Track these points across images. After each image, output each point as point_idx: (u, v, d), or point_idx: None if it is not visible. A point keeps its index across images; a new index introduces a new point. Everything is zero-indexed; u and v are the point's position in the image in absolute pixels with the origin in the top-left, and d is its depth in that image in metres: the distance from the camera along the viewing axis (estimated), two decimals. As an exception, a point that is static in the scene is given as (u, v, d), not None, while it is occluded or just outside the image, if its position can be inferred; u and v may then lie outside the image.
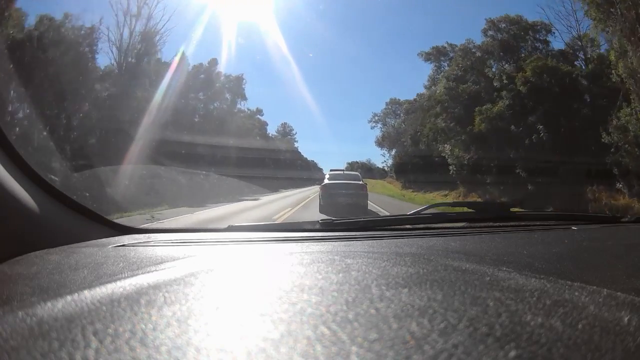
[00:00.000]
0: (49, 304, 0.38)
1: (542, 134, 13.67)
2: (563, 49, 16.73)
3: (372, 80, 54.50)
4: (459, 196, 17.03)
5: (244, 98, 23.90)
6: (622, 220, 1.52)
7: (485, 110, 15.70)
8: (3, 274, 0.80)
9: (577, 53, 16.43)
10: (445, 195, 18.34)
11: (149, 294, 0.41)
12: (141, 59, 15.79)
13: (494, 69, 18.12)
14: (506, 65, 17.87)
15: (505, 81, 15.98)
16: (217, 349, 0.29)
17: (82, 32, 13.81)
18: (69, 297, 0.40)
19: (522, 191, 13.66)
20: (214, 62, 20.71)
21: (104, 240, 1.13)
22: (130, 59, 15.55)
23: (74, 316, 0.35)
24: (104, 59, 15.69)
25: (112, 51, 15.46)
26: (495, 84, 16.53)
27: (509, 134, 14.79)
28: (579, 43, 16.32)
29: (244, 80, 23.44)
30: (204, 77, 20.06)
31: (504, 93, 15.59)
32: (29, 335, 0.31)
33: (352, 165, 41.79)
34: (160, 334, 0.31)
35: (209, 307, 0.38)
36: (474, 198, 15.64)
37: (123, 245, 1.05)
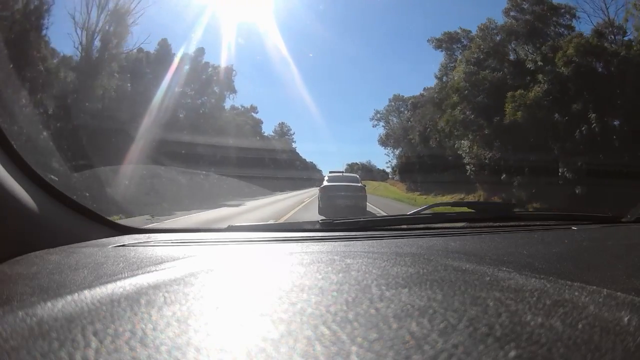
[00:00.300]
0: (49, 304, 0.38)
1: (593, 125, 11.23)
2: (596, 31, 14.11)
3: (373, 79, 54.46)
4: (479, 200, 15.07)
5: (234, 91, 22.44)
6: (622, 220, 1.52)
7: (519, 97, 12.99)
8: (3, 274, 0.80)
9: (607, 37, 13.99)
10: (462, 199, 16.15)
11: (149, 294, 0.41)
12: (108, 47, 14.56)
13: (519, 52, 15.75)
14: (531, 48, 15.56)
15: (540, 63, 13.59)
16: (217, 349, 0.29)
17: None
18: (69, 297, 0.40)
19: (565, 195, 11.29)
20: (201, 51, 19.31)
21: (104, 240, 1.13)
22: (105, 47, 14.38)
23: (74, 316, 0.35)
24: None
25: (77, 33, 13.89)
26: (528, 66, 14.09)
27: (550, 124, 12.33)
28: (607, 30, 13.98)
29: (234, 72, 21.85)
30: (189, 67, 18.67)
31: (540, 76, 13.10)
32: (29, 335, 0.32)
33: (351, 167, 40.93)
34: (160, 334, 0.31)
35: (209, 307, 0.38)
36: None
37: (123, 245, 1.05)
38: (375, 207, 11.40)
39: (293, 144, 39.08)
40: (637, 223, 1.48)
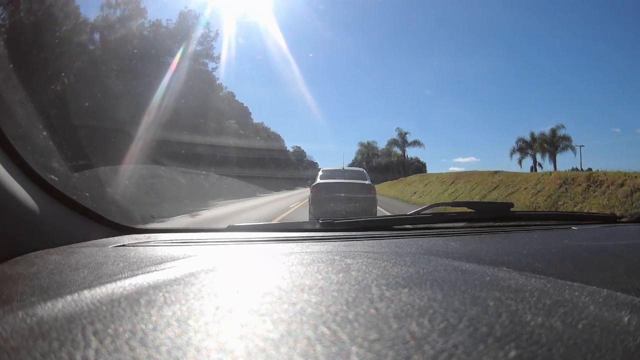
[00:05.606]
0: (49, 304, 0.38)
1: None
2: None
3: (373, 77, 54.19)
4: None
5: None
6: (621, 220, 1.52)
7: None
8: (3, 274, 0.80)
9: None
10: None
11: (149, 294, 0.41)
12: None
13: None
14: None
15: None
16: (217, 349, 0.29)
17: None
18: (69, 297, 0.40)
19: None
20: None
21: (104, 240, 1.13)
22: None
23: (74, 316, 0.35)
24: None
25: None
26: None
27: None
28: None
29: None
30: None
31: None
32: (29, 335, 0.32)
33: (362, 150, 36.94)
34: (160, 334, 0.31)
35: (209, 307, 0.38)
36: None
37: (123, 245, 1.05)
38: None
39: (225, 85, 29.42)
40: (637, 223, 1.48)
